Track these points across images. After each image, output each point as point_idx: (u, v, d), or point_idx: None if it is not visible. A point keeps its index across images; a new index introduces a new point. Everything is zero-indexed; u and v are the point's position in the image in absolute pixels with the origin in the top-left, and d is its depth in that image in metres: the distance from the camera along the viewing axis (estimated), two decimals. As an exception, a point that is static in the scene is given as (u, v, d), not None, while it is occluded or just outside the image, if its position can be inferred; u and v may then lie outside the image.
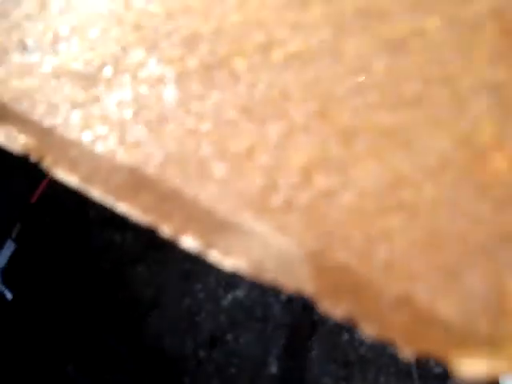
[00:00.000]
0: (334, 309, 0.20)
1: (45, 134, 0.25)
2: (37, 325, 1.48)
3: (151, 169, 0.23)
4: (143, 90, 0.24)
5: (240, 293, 1.44)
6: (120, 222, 1.72)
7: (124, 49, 0.25)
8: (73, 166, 0.25)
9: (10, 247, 1.50)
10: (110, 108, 0.25)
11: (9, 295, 1.44)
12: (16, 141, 0.26)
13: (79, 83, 0.25)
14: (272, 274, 0.21)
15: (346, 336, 1.30)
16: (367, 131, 0.21)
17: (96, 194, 0.25)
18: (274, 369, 1.35)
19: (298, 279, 0.21)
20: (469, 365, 0.18)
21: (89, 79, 0.25)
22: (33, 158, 0.26)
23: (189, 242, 0.23)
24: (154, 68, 0.24)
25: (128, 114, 0.24)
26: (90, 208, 1.82)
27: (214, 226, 0.22)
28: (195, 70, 0.24)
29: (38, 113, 0.26)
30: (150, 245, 1.66)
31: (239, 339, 1.40)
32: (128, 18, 0.26)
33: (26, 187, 1.99)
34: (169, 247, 1.59)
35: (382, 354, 1.28)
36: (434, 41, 0.21)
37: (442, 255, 0.19)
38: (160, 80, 0.24)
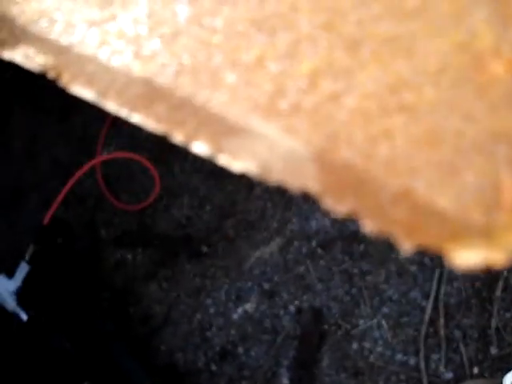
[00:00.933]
0: (338, 205, 0.21)
1: (62, 53, 0.26)
2: (52, 344, 1.50)
3: (165, 80, 0.24)
4: (157, 7, 0.25)
5: (249, 306, 1.46)
6: (131, 241, 1.75)
7: None
8: (89, 81, 0.26)
9: (23, 269, 1.52)
10: (126, 25, 0.25)
11: (24, 316, 1.47)
12: (34, 60, 0.26)
13: (95, 2, 0.26)
14: (279, 175, 0.22)
15: (355, 345, 1.32)
16: (371, 40, 0.22)
17: (111, 106, 0.25)
18: (285, 380, 1.36)
19: (303, 179, 0.21)
20: (464, 255, 0.19)
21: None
22: (50, 76, 0.26)
23: (200, 147, 0.23)
24: None
25: (143, 29, 0.25)
26: (101, 227, 1.86)
27: (224, 130, 0.23)
28: None
29: (55, 32, 0.26)
30: (160, 263, 1.69)
31: (250, 352, 1.42)
32: None
33: (38, 209, 2.02)
34: (179, 265, 1.62)
35: (391, 361, 1.29)
36: None
37: (440, 152, 0.20)
38: None
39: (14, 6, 0.26)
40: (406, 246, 0.20)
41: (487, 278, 1.30)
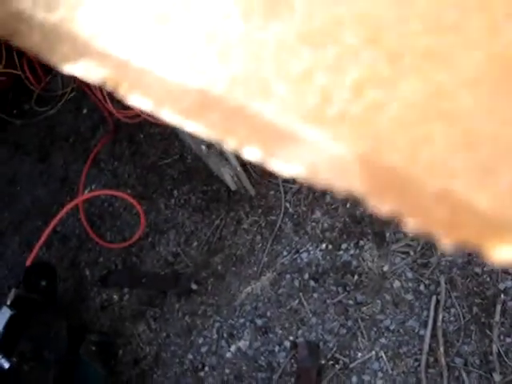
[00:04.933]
0: (382, 206, 0.22)
1: (121, 66, 0.27)
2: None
3: (218, 90, 0.25)
4: (212, 24, 0.27)
5: (243, 343, 1.41)
6: (117, 281, 1.70)
7: None
8: (146, 93, 0.27)
9: (5, 314, 1.47)
10: (181, 39, 0.27)
11: (6, 364, 1.41)
12: (94, 73, 0.28)
13: (151, 19, 0.28)
14: (326, 178, 0.23)
15: (354, 379, 1.28)
16: (411, 53, 0.23)
17: (167, 115, 0.26)
18: (283, 420, 1.31)
19: (348, 181, 0.23)
20: (503, 251, 0.21)
21: (160, 15, 0.27)
22: (109, 87, 0.28)
23: (252, 153, 0.25)
24: (221, 5, 0.27)
25: (199, 44, 0.26)
26: (86, 268, 1.81)
27: (274, 137, 0.24)
28: (257, 6, 0.26)
29: (115, 46, 0.28)
30: (148, 302, 1.63)
31: (246, 391, 1.37)
32: None
33: (20, 251, 1.97)
34: (168, 304, 1.57)
35: (392, 395, 1.25)
36: None
37: (479, 155, 0.21)
38: (227, 15, 0.27)
39: (76, 23, 0.28)
40: (447, 243, 0.21)
41: (485, 302, 1.27)
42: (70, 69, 0.29)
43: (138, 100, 0.27)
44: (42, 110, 2.19)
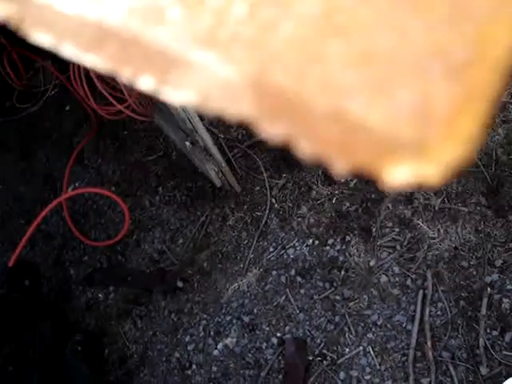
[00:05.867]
0: (273, 129, 0.22)
1: (22, 2, 0.27)
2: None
3: (115, 21, 0.25)
4: None
5: (230, 341, 1.40)
6: (102, 279, 1.68)
7: None
8: (47, 28, 0.27)
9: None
10: None
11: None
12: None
13: None
14: (217, 103, 0.23)
15: (342, 375, 1.27)
16: None
17: (67, 50, 0.26)
18: (271, 417, 1.30)
19: (240, 105, 0.22)
20: (398, 172, 0.20)
21: None
22: (12, 25, 0.27)
23: (145, 82, 0.24)
24: None
25: None
26: (70, 266, 1.78)
27: (167, 64, 0.24)
28: None
29: None
30: (134, 300, 1.61)
31: (233, 389, 1.36)
32: None
33: (2, 250, 1.94)
34: (154, 302, 1.56)
35: (380, 390, 1.25)
36: None
37: (373, 72, 0.21)
38: None
39: None
40: (340, 166, 0.21)
41: (471, 296, 1.27)
42: None
43: (40, 37, 0.26)
44: (24, 107, 2.16)
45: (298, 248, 1.43)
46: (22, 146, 2.13)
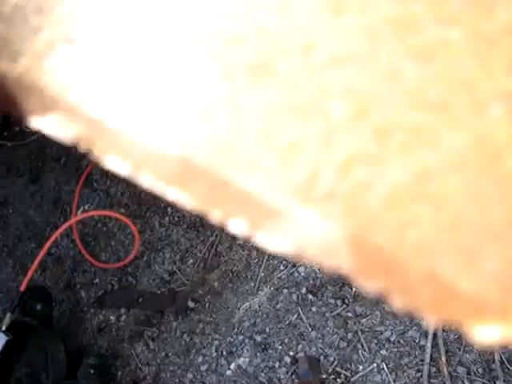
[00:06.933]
0: (369, 283, 0.23)
1: (93, 124, 0.26)
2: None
3: (202, 160, 0.24)
4: (191, 84, 0.26)
5: (242, 361, 1.40)
6: (113, 301, 1.69)
7: (170, 44, 0.26)
8: (122, 155, 0.26)
9: (1, 340, 1.45)
10: (159, 101, 0.25)
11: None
12: (64, 130, 0.27)
13: (127, 76, 0.26)
14: (313, 255, 0.23)
15: (356, 393, 1.26)
16: (399, 130, 0.23)
17: (146, 180, 0.25)
18: None
19: (336, 259, 0.23)
20: (483, 332, 0.21)
21: (137, 73, 0.26)
22: (82, 147, 0.26)
23: (237, 226, 0.24)
24: (200, 64, 0.26)
25: (177, 106, 0.25)
26: (81, 289, 1.79)
27: (260, 212, 0.24)
28: (241, 68, 0.25)
29: (87, 104, 0.26)
30: (145, 322, 1.61)
31: (247, 409, 1.35)
32: (172, 12, 0.27)
33: (14, 275, 1.95)
34: (165, 323, 1.55)
35: (396, 407, 1.24)
36: (457, 50, 0.24)
37: (464, 238, 0.22)
38: (207, 76, 0.25)
39: (44, 75, 0.27)
40: (431, 321, 0.22)
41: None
42: (37, 123, 0.27)
43: (113, 163, 0.26)
44: (33, 132, 2.18)
45: (308, 266, 1.43)
46: (32, 170, 2.14)
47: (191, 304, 1.50)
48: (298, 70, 0.25)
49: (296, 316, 1.38)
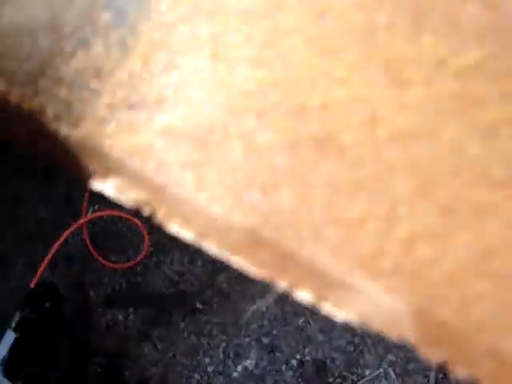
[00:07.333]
0: (432, 355, 0.23)
1: (156, 190, 0.26)
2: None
3: (267, 232, 0.25)
4: (255, 155, 0.26)
5: (249, 363, 1.40)
6: (122, 301, 1.70)
7: (233, 114, 0.26)
8: (187, 222, 0.26)
9: (10, 338, 1.46)
10: (223, 171, 0.26)
11: (10, 389, 1.40)
12: (126, 194, 0.27)
13: (189, 144, 0.26)
14: (379, 325, 0.24)
15: (362, 397, 1.26)
16: (463, 207, 0.24)
17: (211, 248, 0.26)
18: None
19: (401, 330, 0.23)
20: None
21: (199, 141, 0.26)
22: (145, 212, 0.27)
23: (303, 296, 0.25)
24: (264, 135, 0.26)
25: (241, 177, 0.25)
26: (90, 288, 1.80)
27: (326, 283, 0.24)
28: (305, 141, 0.25)
29: (149, 169, 0.26)
30: (153, 322, 1.63)
31: (253, 411, 1.36)
32: (233, 83, 0.27)
33: (24, 273, 1.96)
34: (173, 323, 1.56)
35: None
36: None
37: None
38: (271, 147, 0.26)
39: (105, 139, 0.27)
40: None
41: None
42: (98, 186, 0.27)
43: (178, 229, 0.26)
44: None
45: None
46: (43, 170, 2.16)
47: (199, 305, 1.51)
48: (362, 143, 0.25)
49: (303, 319, 1.38)
